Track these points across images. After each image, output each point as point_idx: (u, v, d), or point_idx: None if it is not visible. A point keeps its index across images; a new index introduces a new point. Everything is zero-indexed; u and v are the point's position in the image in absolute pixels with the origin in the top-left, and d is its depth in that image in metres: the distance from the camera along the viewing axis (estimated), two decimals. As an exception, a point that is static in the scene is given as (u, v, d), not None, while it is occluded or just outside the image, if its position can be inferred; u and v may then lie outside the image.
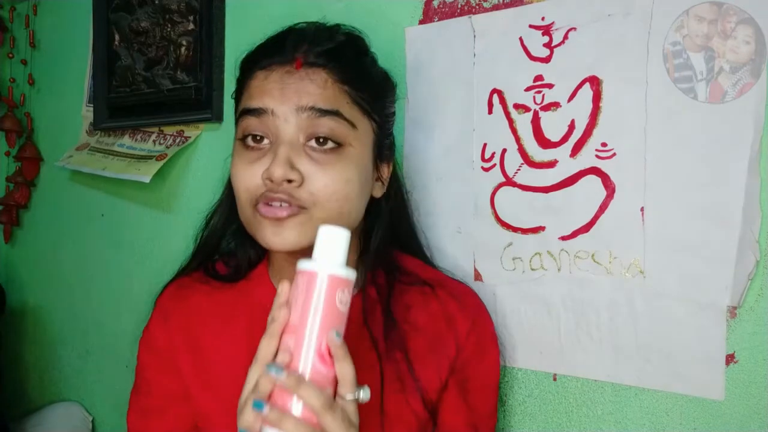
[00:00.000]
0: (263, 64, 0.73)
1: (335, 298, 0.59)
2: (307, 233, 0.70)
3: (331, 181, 0.70)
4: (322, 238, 0.62)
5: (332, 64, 0.72)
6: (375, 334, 0.75)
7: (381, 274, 0.80)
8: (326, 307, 0.59)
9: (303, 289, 0.60)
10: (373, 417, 0.73)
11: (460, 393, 0.78)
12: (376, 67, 0.80)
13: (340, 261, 0.61)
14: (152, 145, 1.36)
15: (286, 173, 0.68)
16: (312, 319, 0.59)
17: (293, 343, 0.59)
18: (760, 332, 0.73)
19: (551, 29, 0.85)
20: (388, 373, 0.74)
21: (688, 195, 0.76)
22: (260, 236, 0.71)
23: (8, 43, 1.70)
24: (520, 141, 0.88)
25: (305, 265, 0.61)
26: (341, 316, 0.60)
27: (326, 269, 0.60)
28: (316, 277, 0.59)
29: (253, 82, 0.73)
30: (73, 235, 1.57)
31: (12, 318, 1.66)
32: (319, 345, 0.58)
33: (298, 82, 0.71)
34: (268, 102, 0.71)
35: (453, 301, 0.80)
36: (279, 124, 0.70)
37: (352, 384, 0.60)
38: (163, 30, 1.32)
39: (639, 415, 0.81)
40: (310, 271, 0.60)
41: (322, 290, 0.59)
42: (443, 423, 0.78)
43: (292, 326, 0.59)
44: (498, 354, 0.83)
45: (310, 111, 0.70)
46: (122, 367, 1.42)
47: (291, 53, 0.72)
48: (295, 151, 0.70)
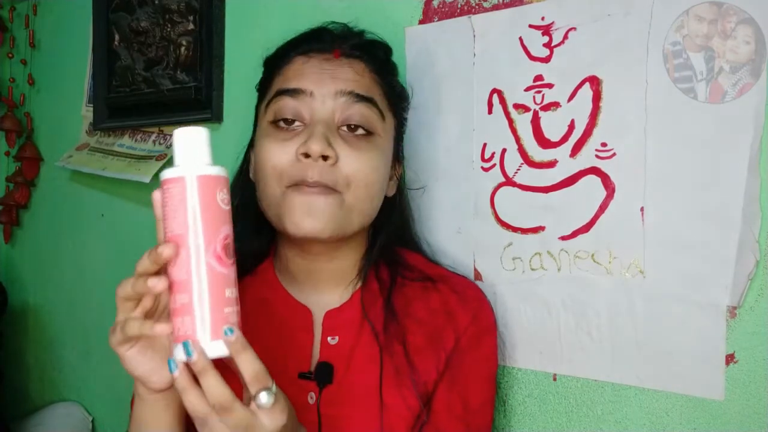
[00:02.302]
0: (302, 50, 0.77)
1: (216, 198, 0.56)
2: (335, 218, 0.71)
3: (363, 165, 0.73)
4: (180, 140, 0.57)
5: (367, 56, 0.78)
6: (376, 327, 0.76)
7: (384, 268, 0.81)
8: (209, 208, 0.55)
9: (179, 198, 0.55)
10: (372, 408, 0.73)
11: (451, 383, 0.78)
12: (398, 73, 0.85)
13: (208, 160, 0.57)
14: (152, 145, 1.37)
15: (324, 149, 0.70)
16: (194, 225, 0.55)
17: (184, 256, 0.55)
18: (760, 332, 0.73)
19: (551, 29, 0.85)
20: (387, 365, 0.75)
21: (688, 195, 0.76)
22: (289, 220, 0.71)
23: (8, 43, 1.70)
24: (520, 141, 0.88)
25: (173, 172, 0.56)
26: (226, 214, 0.57)
27: (196, 171, 0.56)
28: (192, 181, 0.55)
29: (291, 66, 0.77)
30: (73, 235, 1.57)
31: (12, 318, 1.66)
32: (213, 248, 0.55)
33: (337, 68, 0.75)
34: (306, 84, 0.74)
35: (454, 296, 0.80)
36: (316, 105, 0.73)
37: (258, 380, 0.56)
38: (163, 30, 1.32)
39: (639, 415, 0.81)
40: (179, 177, 0.55)
41: (199, 193, 0.55)
42: (432, 413, 0.77)
43: (175, 237, 0.55)
44: (494, 346, 0.83)
45: (348, 96, 0.73)
46: (122, 367, 1.42)
47: (330, 44, 0.77)
48: (331, 131, 0.73)
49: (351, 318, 0.78)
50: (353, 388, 0.75)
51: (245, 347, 0.56)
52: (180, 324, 0.55)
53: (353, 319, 0.78)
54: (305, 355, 0.77)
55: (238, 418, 0.55)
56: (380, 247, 0.81)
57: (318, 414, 0.74)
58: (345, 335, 0.77)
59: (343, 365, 0.76)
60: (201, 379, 0.55)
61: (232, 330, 0.55)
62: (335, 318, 0.78)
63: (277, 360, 0.76)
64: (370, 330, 0.76)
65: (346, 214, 0.73)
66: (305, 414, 0.74)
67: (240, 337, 0.55)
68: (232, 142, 0.88)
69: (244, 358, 0.55)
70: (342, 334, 0.77)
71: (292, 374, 0.75)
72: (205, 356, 0.54)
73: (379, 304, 0.78)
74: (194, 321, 0.55)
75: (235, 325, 0.56)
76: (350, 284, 0.80)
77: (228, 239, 0.56)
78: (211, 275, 0.55)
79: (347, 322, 0.78)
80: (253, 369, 0.56)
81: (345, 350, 0.76)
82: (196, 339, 0.55)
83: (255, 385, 0.56)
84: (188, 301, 0.55)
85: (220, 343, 0.55)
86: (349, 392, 0.75)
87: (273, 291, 0.81)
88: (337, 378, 0.75)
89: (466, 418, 0.78)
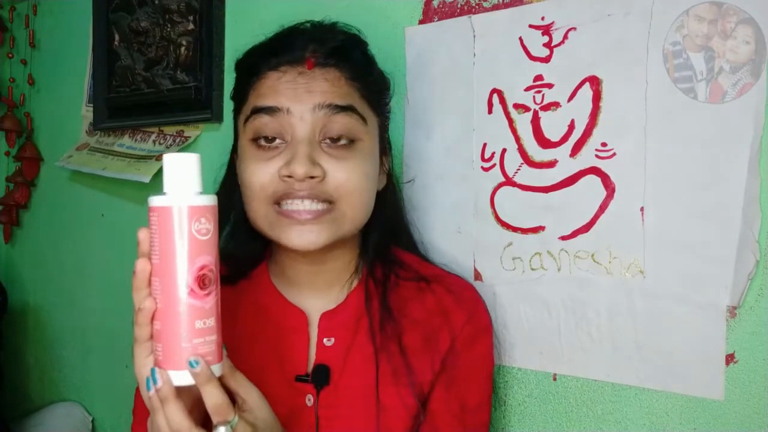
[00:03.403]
0: (273, 65, 0.74)
1: (191, 229, 0.56)
2: (331, 231, 0.72)
3: (352, 175, 0.72)
4: (169, 167, 0.57)
5: (342, 62, 0.74)
6: (372, 328, 0.76)
7: (378, 268, 0.81)
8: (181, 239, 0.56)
9: (156, 228, 0.56)
10: (370, 410, 0.73)
11: (448, 383, 0.78)
12: (375, 64, 0.82)
13: (194, 189, 0.57)
14: (152, 145, 1.36)
15: (309, 170, 0.69)
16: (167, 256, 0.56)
17: (159, 286, 0.56)
18: (760, 332, 0.73)
19: (551, 29, 0.85)
20: (383, 366, 0.75)
21: (688, 195, 0.76)
22: (284, 237, 0.72)
23: (8, 43, 1.70)
24: (520, 141, 0.88)
25: (155, 200, 0.57)
26: (202, 244, 0.57)
27: (177, 201, 0.56)
28: (168, 211, 0.56)
29: (264, 82, 0.74)
30: (73, 235, 1.57)
31: (12, 318, 1.66)
32: (187, 280, 0.56)
33: (311, 81, 0.72)
34: (283, 101, 0.72)
35: (449, 296, 0.80)
36: (294, 122, 0.71)
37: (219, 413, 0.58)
38: (163, 30, 1.32)
39: (639, 415, 0.81)
40: (159, 207, 0.56)
41: (173, 224, 0.56)
42: (430, 413, 0.77)
43: (156, 268, 0.57)
44: (490, 347, 0.82)
45: (327, 108, 0.71)
46: (122, 367, 1.42)
47: (301, 53, 0.73)
48: (314, 147, 0.71)
49: (346, 319, 0.78)
50: (350, 389, 0.75)
51: (209, 379, 0.57)
52: (157, 349, 0.58)
53: (349, 320, 0.78)
54: (302, 358, 0.77)
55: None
56: (374, 246, 0.81)
57: (316, 416, 0.74)
58: (341, 336, 0.77)
59: (340, 366, 0.76)
60: (163, 406, 0.57)
61: (197, 362, 0.56)
62: (331, 319, 0.78)
63: (273, 363, 0.76)
64: (365, 331, 0.76)
65: (339, 223, 0.73)
66: (303, 416, 0.74)
67: (204, 370, 0.57)
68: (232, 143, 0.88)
69: (207, 390, 0.57)
70: (338, 335, 0.77)
71: (289, 377, 0.75)
72: (169, 385, 0.57)
73: (375, 305, 0.78)
74: (163, 349, 0.57)
75: (210, 355, 0.57)
76: (345, 285, 0.80)
77: (204, 270, 0.57)
78: (180, 307, 0.56)
79: (343, 324, 0.78)
80: (214, 402, 0.57)
81: (341, 351, 0.76)
82: (163, 367, 0.57)
83: (216, 416, 0.58)
84: (160, 328, 0.57)
85: (185, 373, 0.57)
86: (346, 393, 0.75)
87: (268, 295, 0.80)
88: (334, 379, 0.75)
89: (464, 418, 0.78)
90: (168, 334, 0.57)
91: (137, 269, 0.58)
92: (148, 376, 0.58)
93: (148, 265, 0.57)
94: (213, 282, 0.58)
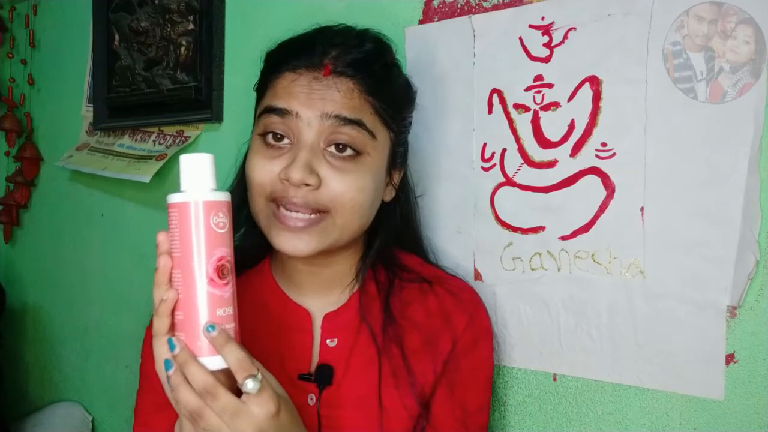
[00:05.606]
0: (292, 66, 0.74)
1: (209, 222, 0.59)
2: (321, 240, 0.72)
3: (349, 188, 0.72)
4: (181, 166, 0.61)
5: (359, 75, 0.73)
6: (374, 329, 0.76)
7: (381, 270, 0.81)
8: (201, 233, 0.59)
9: (177, 223, 0.60)
10: (372, 411, 0.73)
11: (449, 386, 0.78)
12: (400, 78, 0.81)
13: (209, 186, 0.61)
14: (152, 145, 1.36)
15: (305, 177, 0.69)
16: (188, 249, 0.59)
17: (180, 278, 0.59)
18: (760, 332, 0.73)
19: (551, 29, 0.85)
20: (384, 367, 0.75)
21: (688, 195, 0.76)
22: (275, 240, 0.73)
23: (8, 43, 1.70)
24: (520, 141, 0.88)
25: (174, 197, 0.61)
26: (220, 237, 0.60)
27: (195, 196, 0.60)
28: (187, 206, 0.59)
29: (280, 82, 0.74)
30: (73, 235, 1.57)
31: (12, 318, 1.66)
32: (207, 270, 0.59)
33: (324, 89, 0.72)
34: (293, 105, 0.72)
35: (450, 298, 0.80)
36: (302, 127, 0.72)
37: (243, 368, 0.58)
38: (163, 30, 1.32)
39: (639, 415, 0.81)
40: (178, 203, 0.60)
41: (192, 218, 0.59)
42: (432, 416, 0.78)
43: (176, 261, 0.60)
44: (490, 350, 0.83)
45: (335, 119, 0.71)
46: (122, 367, 1.42)
47: (320, 58, 0.73)
48: (315, 155, 0.71)
49: (349, 320, 0.78)
50: (352, 389, 0.75)
51: (227, 340, 0.58)
52: (179, 338, 0.60)
53: (351, 322, 0.78)
54: (305, 357, 0.77)
55: (224, 403, 0.57)
56: (377, 250, 0.81)
57: (318, 415, 0.74)
58: (344, 337, 0.77)
59: (342, 367, 0.76)
60: (184, 370, 0.57)
61: (213, 327, 0.58)
62: (334, 320, 0.78)
63: (276, 362, 0.76)
64: (368, 332, 0.77)
65: (332, 232, 0.73)
66: (305, 415, 0.74)
67: (221, 332, 0.58)
68: (232, 142, 0.88)
69: (227, 349, 0.58)
70: (341, 336, 0.77)
71: (291, 376, 0.75)
72: (186, 350, 0.58)
73: (377, 307, 0.78)
74: (186, 338, 0.59)
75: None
76: (348, 287, 0.80)
77: (223, 260, 0.60)
78: (201, 296, 0.59)
79: (345, 325, 0.78)
80: (236, 358, 0.58)
81: (344, 352, 0.77)
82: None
83: (240, 373, 0.58)
84: (183, 318, 0.60)
85: (208, 359, 0.59)
86: (348, 394, 0.75)
87: (271, 294, 0.81)
88: (337, 379, 0.75)
89: (465, 421, 0.78)
90: (190, 322, 0.59)
91: (159, 264, 0.59)
92: (168, 358, 0.59)
93: (169, 260, 0.59)
94: (230, 272, 0.61)
